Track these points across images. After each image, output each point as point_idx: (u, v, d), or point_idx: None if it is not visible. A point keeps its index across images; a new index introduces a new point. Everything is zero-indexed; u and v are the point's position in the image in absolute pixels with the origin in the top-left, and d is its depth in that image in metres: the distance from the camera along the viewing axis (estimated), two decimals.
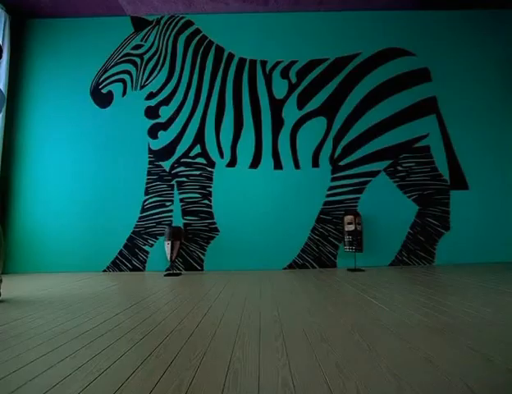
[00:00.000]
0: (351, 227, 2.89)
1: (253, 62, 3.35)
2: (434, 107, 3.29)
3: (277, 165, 3.25)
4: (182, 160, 3.25)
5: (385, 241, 3.17)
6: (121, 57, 3.38)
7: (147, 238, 3.18)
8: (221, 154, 3.25)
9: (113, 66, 3.37)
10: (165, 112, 3.30)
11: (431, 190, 3.21)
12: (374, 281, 2.35)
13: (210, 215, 3.19)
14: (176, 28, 3.41)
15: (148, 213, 3.20)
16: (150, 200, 3.22)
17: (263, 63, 3.35)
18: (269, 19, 3.42)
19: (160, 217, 3.20)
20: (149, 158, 3.27)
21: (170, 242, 2.81)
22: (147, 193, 3.23)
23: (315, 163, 3.24)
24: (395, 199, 3.20)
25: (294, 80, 3.32)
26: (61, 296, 2.05)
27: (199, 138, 3.26)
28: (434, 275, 2.58)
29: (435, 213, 3.19)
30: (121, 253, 3.16)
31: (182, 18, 3.43)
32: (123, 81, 3.35)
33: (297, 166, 3.24)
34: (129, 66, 3.36)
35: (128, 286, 2.42)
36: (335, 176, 3.23)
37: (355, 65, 3.34)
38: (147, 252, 3.17)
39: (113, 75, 3.36)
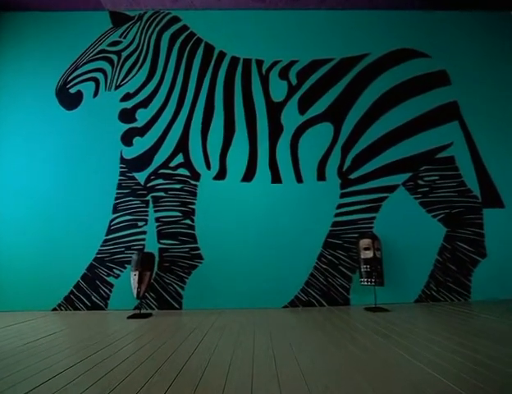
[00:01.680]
0: (369, 254, 2.30)
1: (247, 61, 2.92)
2: (456, 112, 2.84)
3: (275, 178, 2.71)
4: (160, 171, 2.69)
5: (408, 271, 2.57)
6: (95, 54, 2.92)
7: (112, 267, 2.52)
8: (208, 165, 2.71)
9: (85, 64, 2.90)
10: (142, 116, 2.79)
11: (459, 208, 2.67)
12: (409, 329, 1.72)
13: (192, 238, 2.58)
14: (161, 24, 3.00)
15: (115, 235, 2.58)
16: (119, 219, 2.60)
17: (259, 63, 2.92)
18: (266, 16, 3.04)
19: (130, 241, 2.57)
20: (121, 168, 2.71)
21: (137, 273, 2.17)
22: (115, 210, 2.62)
23: (321, 176, 2.71)
24: (417, 218, 2.65)
25: (294, 81, 2.87)
26: None
27: (182, 145, 2.73)
28: (478, 317, 1.96)
29: (467, 236, 2.62)
30: (77, 286, 2.49)
31: (168, 14, 3.03)
32: (95, 80, 2.86)
33: (299, 179, 2.70)
34: (103, 64, 2.90)
35: (73, 334, 1.75)
36: (345, 191, 2.68)
37: (364, 66, 2.92)
38: (111, 285, 2.50)
39: (85, 73, 2.88)
